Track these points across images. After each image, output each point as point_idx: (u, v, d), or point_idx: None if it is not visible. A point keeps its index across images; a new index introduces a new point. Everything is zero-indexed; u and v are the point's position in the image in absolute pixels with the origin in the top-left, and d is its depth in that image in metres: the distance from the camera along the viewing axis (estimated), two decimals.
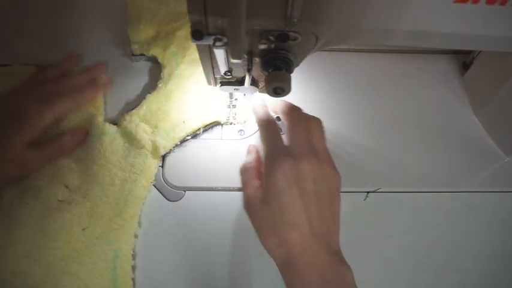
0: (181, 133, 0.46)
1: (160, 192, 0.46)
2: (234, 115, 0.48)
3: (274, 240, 0.34)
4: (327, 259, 0.33)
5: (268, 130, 0.39)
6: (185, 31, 0.52)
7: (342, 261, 0.34)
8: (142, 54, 0.53)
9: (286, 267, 0.34)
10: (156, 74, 0.51)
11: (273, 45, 0.30)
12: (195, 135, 0.48)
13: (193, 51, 0.50)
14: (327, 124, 0.50)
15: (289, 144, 0.37)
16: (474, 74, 0.55)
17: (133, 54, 0.53)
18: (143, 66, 0.53)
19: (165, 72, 0.50)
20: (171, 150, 0.47)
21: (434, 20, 0.31)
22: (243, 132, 0.49)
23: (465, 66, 0.57)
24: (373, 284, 0.42)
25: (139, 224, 0.44)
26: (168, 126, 0.46)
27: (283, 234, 0.34)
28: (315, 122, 0.40)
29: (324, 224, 0.35)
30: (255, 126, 0.49)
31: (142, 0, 0.53)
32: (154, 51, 0.51)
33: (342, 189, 0.39)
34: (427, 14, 0.30)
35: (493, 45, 0.35)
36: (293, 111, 0.41)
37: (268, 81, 0.31)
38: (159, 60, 0.51)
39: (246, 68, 0.34)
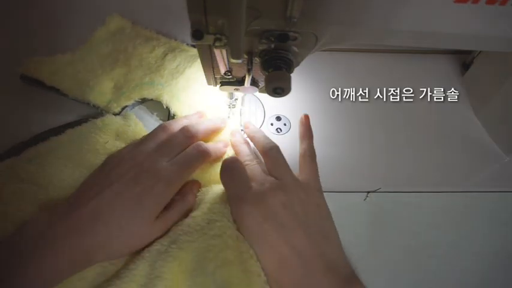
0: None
1: None
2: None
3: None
4: (329, 282, 0.31)
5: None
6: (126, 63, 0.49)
7: (347, 280, 0.32)
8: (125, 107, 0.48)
9: None
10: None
11: (273, 45, 0.30)
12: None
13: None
14: (327, 124, 0.50)
15: (250, 183, 0.36)
16: (474, 74, 0.55)
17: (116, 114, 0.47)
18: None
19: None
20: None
21: (434, 20, 0.31)
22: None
23: (465, 66, 0.57)
24: (373, 284, 0.42)
25: None
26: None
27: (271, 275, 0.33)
28: (271, 150, 0.39)
29: (313, 245, 0.33)
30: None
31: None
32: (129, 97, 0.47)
33: (342, 190, 0.39)
34: (427, 14, 0.30)
35: (493, 45, 0.35)
36: (241, 147, 0.40)
37: (268, 81, 0.31)
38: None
39: (246, 68, 0.34)
